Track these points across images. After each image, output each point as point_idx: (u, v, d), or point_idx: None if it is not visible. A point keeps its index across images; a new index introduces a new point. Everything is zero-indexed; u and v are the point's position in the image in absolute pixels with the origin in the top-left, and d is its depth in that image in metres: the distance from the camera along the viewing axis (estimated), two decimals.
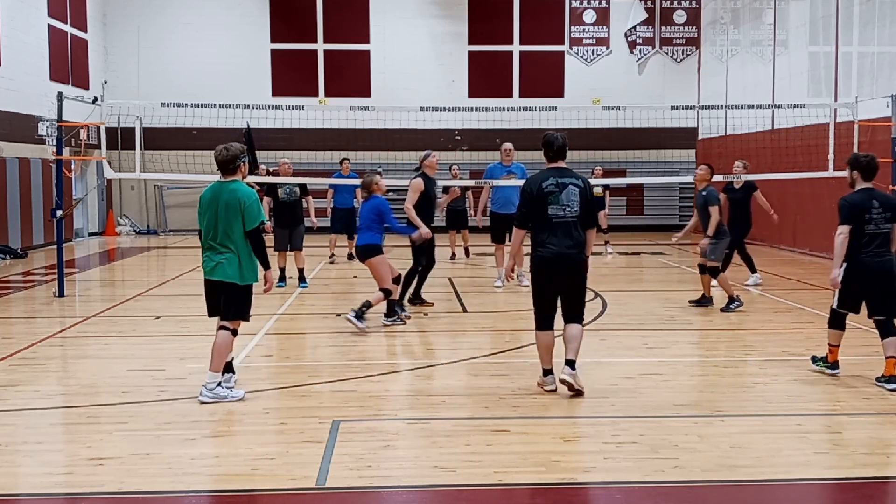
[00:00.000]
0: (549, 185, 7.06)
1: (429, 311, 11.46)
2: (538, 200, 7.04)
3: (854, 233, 7.67)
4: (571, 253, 7.01)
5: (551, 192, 7.03)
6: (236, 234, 6.99)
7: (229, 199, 6.99)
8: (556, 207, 7.02)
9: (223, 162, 7.10)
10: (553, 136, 7.33)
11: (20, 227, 19.82)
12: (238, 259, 6.99)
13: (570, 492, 5.17)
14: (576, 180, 7.12)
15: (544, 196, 7.03)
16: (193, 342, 9.50)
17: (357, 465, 5.51)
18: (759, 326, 10.36)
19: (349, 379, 7.74)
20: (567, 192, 7.04)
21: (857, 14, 17.71)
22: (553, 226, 7.02)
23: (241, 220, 6.98)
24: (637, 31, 26.75)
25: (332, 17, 26.27)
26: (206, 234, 7.11)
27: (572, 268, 7.04)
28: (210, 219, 7.06)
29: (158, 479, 5.29)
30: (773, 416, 6.64)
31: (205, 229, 7.12)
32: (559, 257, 7.00)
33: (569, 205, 7.03)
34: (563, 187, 7.05)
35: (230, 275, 6.99)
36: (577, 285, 7.11)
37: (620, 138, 23.61)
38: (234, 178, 7.14)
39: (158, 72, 25.59)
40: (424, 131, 22.81)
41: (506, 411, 6.76)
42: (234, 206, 6.97)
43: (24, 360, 8.63)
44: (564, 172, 7.18)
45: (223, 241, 7.01)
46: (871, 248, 7.66)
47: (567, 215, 7.02)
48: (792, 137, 18.83)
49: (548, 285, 7.11)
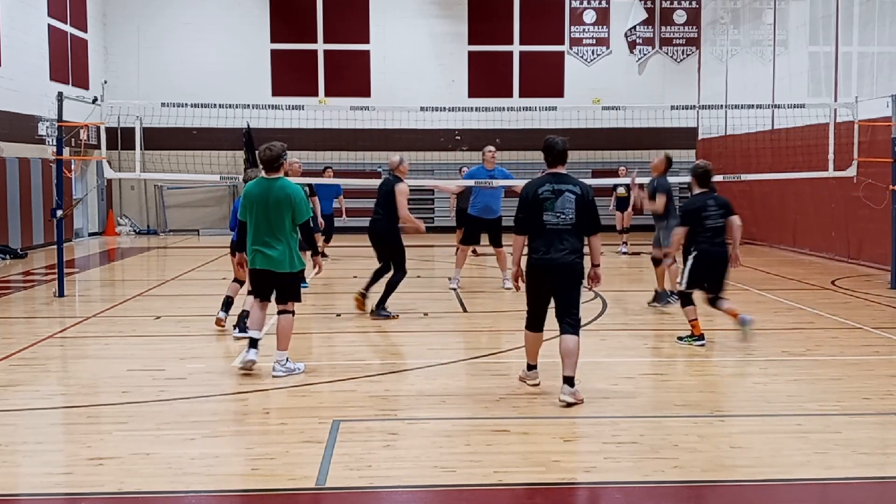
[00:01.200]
0: (545, 192, 7.02)
1: (429, 311, 11.45)
2: (534, 206, 7.00)
3: (698, 228, 9.05)
4: (565, 258, 6.94)
5: (547, 199, 6.99)
6: (286, 226, 7.64)
7: (279, 194, 7.62)
8: (551, 214, 6.97)
9: (268, 160, 7.71)
10: (553, 141, 7.29)
11: (20, 227, 19.82)
12: (289, 249, 7.65)
13: (570, 492, 5.17)
14: (573, 187, 7.06)
15: (540, 202, 6.99)
16: (193, 342, 9.51)
17: (357, 465, 5.51)
18: (759, 326, 10.32)
19: (349, 379, 7.74)
20: (563, 199, 6.98)
21: (857, 14, 17.70)
22: (547, 232, 6.97)
23: (291, 214, 7.63)
24: (637, 31, 26.75)
25: (332, 17, 26.26)
26: (257, 228, 7.67)
27: (565, 273, 6.97)
28: (260, 213, 7.65)
29: (158, 479, 5.29)
30: (773, 416, 6.64)
31: (254, 223, 7.69)
32: (552, 263, 6.95)
33: (563, 212, 6.97)
34: (560, 194, 7.00)
35: (284, 264, 7.66)
36: (570, 289, 7.03)
37: (620, 138, 23.60)
38: (279, 175, 7.75)
39: (158, 72, 25.59)
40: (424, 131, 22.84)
41: (506, 411, 6.76)
42: (285, 202, 7.61)
43: (24, 360, 8.63)
44: (562, 178, 7.12)
45: (276, 233, 7.63)
46: (711, 239, 9.04)
47: (561, 223, 6.97)
48: (792, 137, 18.82)
49: (540, 290, 7.10)
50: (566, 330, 6.98)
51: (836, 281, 14.27)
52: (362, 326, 10.47)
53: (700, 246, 9.02)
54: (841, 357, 8.71)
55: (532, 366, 7.39)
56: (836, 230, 17.58)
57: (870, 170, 14.25)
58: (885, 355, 8.85)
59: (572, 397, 6.87)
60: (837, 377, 7.83)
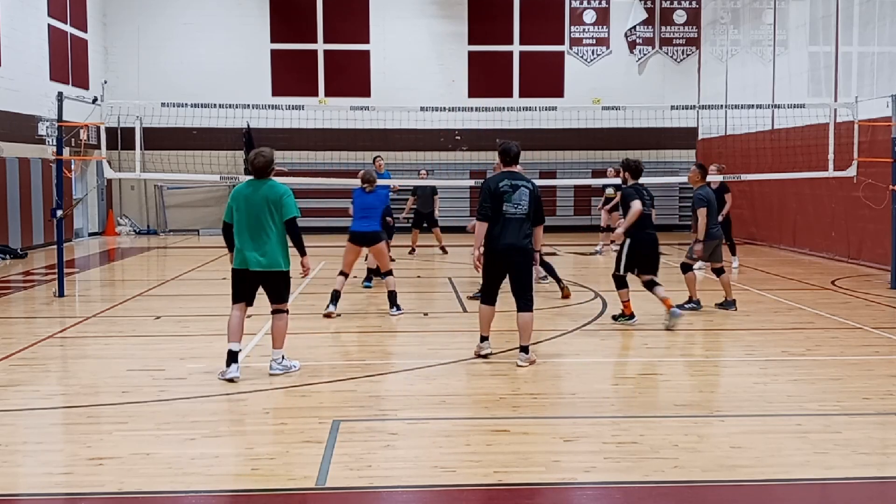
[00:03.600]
0: (504, 186, 8.14)
1: (429, 311, 11.45)
2: (496, 198, 8.11)
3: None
4: (521, 243, 8.11)
5: (506, 192, 8.11)
6: (277, 225, 7.67)
7: (269, 193, 7.69)
8: (509, 205, 8.10)
9: (261, 167, 7.76)
10: (509, 145, 8.39)
11: (20, 227, 19.82)
12: (279, 249, 7.69)
13: (570, 492, 5.17)
14: (526, 182, 8.23)
15: (500, 195, 8.10)
16: (193, 342, 9.51)
17: (357, 465, 5.51)
18: (759, 326, 10.36)
19: (349, 379, 7.74)
20: (519, 193, 8.13)
21: (857, 14, 17.70)
22: (505, 221, 8.09)
23: (280, 213, 7.66)
24: (637, 31, 26.76)
25: (332, 17, 26.27)
26: (246, 229, 7.66)
27: (520, 256, 8.14)
28: (249, 214, 7.66)
29: (158, 479, 5.29)
30: (773, 416, 6.64)
31: (242, 224, 7.68)
32: (510, 248, 8.09)
33: (519, 203, 8.11)
34: (516, 188, 8.15)
35: (276, 263, 7.69)
36: (523, 270, 8.19)
37: (620, 138, 23.61)
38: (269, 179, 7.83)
39: (158, 72, 25.59)
40: (424, 131, 22.86)
41: (506, 411, 6.76)
42: (274, 200, 7.67)
43: (24, 360, 8.63)
44: (516, 175, 8.29)
45: (267, 232, 7.64)
46: (647, 226, 10.14)
47: (518, 212, 8.11)
48: (792, 137, 18.83)
49: (496, 271, 8.25)
50: (522, 308, 8.21)
51: (836, 281, 14.27)
52: (362, 326, 10.47)
53: (632, 232, 10.13)
54: (841, 357, 8.71)
55: (484, 337, 8.51)
56: (836, 230, 17.58)
57: (870, 170, 14.25)
58: (885, 355, 8.84)
59: (527, 362, 8.16)
60: (837, 377, 7.83)
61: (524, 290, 8.21)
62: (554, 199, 26.13)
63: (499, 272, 8.27)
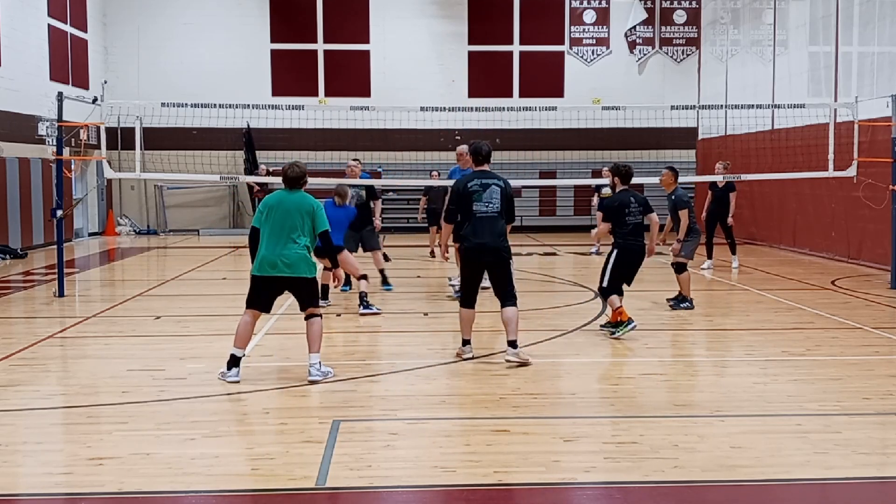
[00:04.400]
0: (474, 185, 8.14)
1: (429, 312, 11.45)
2: (464, 198, 8.12)
3: (619, 224, 9.70)
4: (494, 242, 8.07)
5: (475, 192, 8.11)
6: (305, 234, 7.73)
7: (301, 203, 7.76)
8: (480, 204, 8.09)
9: (294, 178, 7.84)
10: (479, 144, 8.38)
11: (20, 227, 19.82)
12: (305, 255, 7.73)
13: (570, 492, 5.17)
14: (497, 181, 8.21)
15: (469, 194, 8.11)
16: (193, 342, 9.51)
17: (357, 465, 5.51)
18: (759, 326, 10.36)
19: (349, 379, 7.74)
20: (490, 192, 8.12)
21: (857, 14, 17.70)
22: (477, 220, 8.09)
23: (311, 223, 7.75)
24: (637, 31, 26.76)
25: (332, 17, 26.27)
26: (276, 236, 7.66)
27: (495, 255, 8.09)
28: (278, 221, 7.69)
29: (158, 479, 5.28)
30: (773, 416, 6.64)
31: (272, 231, 7.68)
32: (483, 247, 8.06)
33: (490, 202, 8.11)
34: (486, 187, 8.14)
35: (304, 271, 7.70)
36: (501, 269, 8.15)
37: (620, 138, 23.61)
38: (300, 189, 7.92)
39: (158, 72, 25.60)
40: (424, 131, 22.85)
41: (506, 411, 6.76)
42: (306, 210, 7.74)
43: (24, 360, 8.63)
44: (487, 174, 8.27)
45: (295, 239, 7.68)
46: (632, 235, 9.70)
47: (489, 211, 8.11)
48: (792, 137, 18.83)
49: (473, 271, 8.22)
50: (505, 303, 8.14)
51: (836, 281, 14.27)
52: (362, 326, 10.47)
53: (619, 242, 9.71)
54: (841, 357, 8.71)
55: (466, 340, 8.42)
56: (836, 230, 17.58)
57: (870, 170, 14.25)
58: (885, 355, 8.85)
59: (517, 357, 7.99)
60: (837, 377, 7.83)
61: (504, 286, 8.17)
62: (554, 199, 26.15)
63: (473, 272, 8.22)
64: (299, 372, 7.98)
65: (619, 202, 9.74)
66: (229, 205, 26.58)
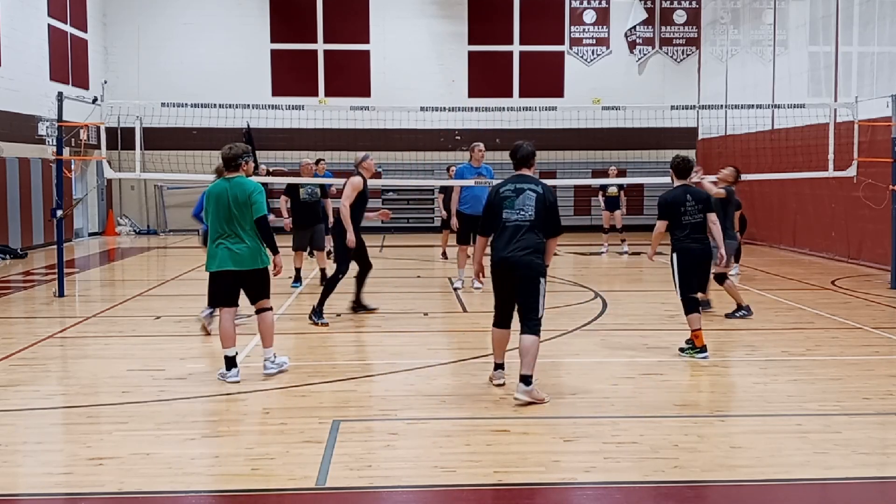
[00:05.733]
0: (506, 191, 7.15)
1: (429, 312, 11.45)
2: (495, 205, 7.15)
3: (675, 224, 8.71)
4: (521, 256, 6.97)
5: (507, 197, 7.10)
6: (248, 224, 7.54)
7: (238, 192, 7.53)
8: (510, 211, 7.07)
9: (228, 159, 7.66)
10: (517, 145, 7.40)
11: (20, 227, 19.82)
12: (254, 246, 7.57)
13: (570, 492, 5.17)
14: (534, 186, 7.13)
15: (500, 201, 7.13)
16: (193, 342, 9.51)
17: (357, 465, 5.51)
18: (759, 326, 10.36)
19: (349, 379, 7.74)
20: (523, 197, 7.07)
21: (857, 14, 17.70)
22: (505, 229, 7.07)
23: (250, 211, 7.51)
24: (637, 31, 26.76)
25: (332, 17, 26.27)
26: (219, 228, 7.56)
27: (521, 271, 6.99)
28: (221, 213, 7.55)
29: (158, 479, 5.29)
30: (773, 416, 6.64)
31: (215, 223, 7.58)
32: (506, 261, 7.03)
33: (523, 209, 7.05)
34: (520, 192, 7.09)
35: (253, 262, 7.58)
36: (526, 288, 7.00)
37: (620, 138, 23.60)
38: (238, 174, 7.67)
39: (158, 72, 25.59)
40: (424, 131, 22.84)
41: (506, 411, 6.76)
42: (243, 199, 7.52)
43: (24, 360, 8.63)
44: (524, 179, 7.22)
45: (238, 232, 7.53)
46: (691, 236, 8.69)
47: (520, 219, 7.03)
48: (792, 137, 18.82)
49: (501, 288, 7.20)
50: (525, 330, 7.01)
51: (836, 281, 14.27)
52: (362, 326, 10.47)
53: (676, 245, 8.74)
54: (841, 357, 8.71)
55: (498, 365, 7.48)
56: (836, 230, 17.58)
57: (870, 170, 14.25)
58: (885, 355, 8.85)
59: (527, 396, 6.87)
60: (837, 377, 7.83)
61: (527, 311, 7.01)
62: None
63: (502, 289, 7.20)
64: (299, 372, 7.98)
65: (672, 199, 8.73)
66: None
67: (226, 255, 7.52)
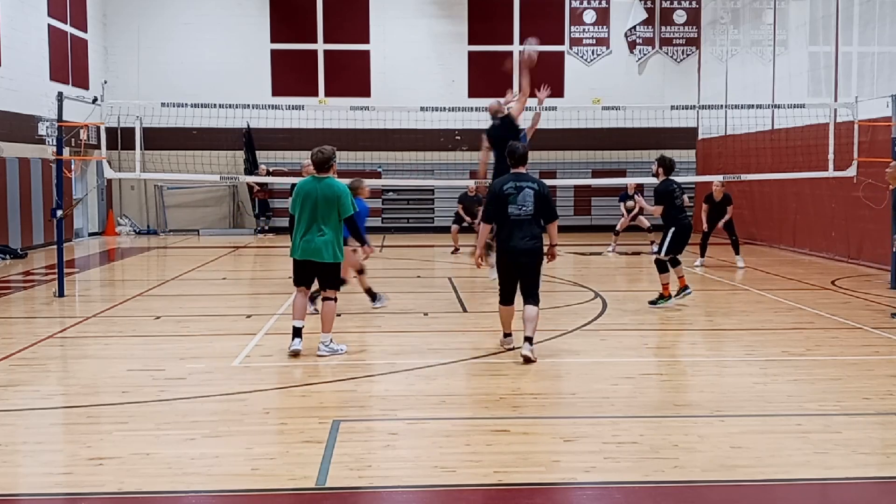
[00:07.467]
0: (509, 188, 8.39)
1: (429, 311, 11.45)
2: (500, 200, 8.38)
3: (671, 206, 11.32)
4: (527, 245, 8.34)
5: (510, 194, 8.36)
6: (332, 221, 8.47)
7: (328, 192, 8.46)
8: (514, 207, 8.35)
9: (320, 162, 8.55)
10: (515, 147, 8.72)
11: (20, 227, 19.82)
12: (333, 241, 8.47)
13: (570, 492, 5.17)
14: (532, 184, 8.42)
15: (505, 196, 8.37)
16: (193, 342, 9.51)
17: (357, 465, 5.51)
18: (759, 326, 10.36)
19: (349, 379, 7.74)
20: (523, 194, 8.35)
21: (857, 14, 17.70)
22: (511, 222, 8.36)
23: (337, 210, 8.45)
24: (637, 31, 26.75)
25: (332, 17, 26.26)
26: (306, 222, 8.47)
27: (528, 257, 8.38)
28: (309, 209, 8.46)
29: (158, 479, 5.28)
30: (773, 416, 6.64)
31: (304, 218, 8.48)
32: (516, 250, 8.35)
33: (524, 204, 8.35)
34: (521, 190, 8.38)
35: (330, 255, 8.48)
36: (531, 271, 8.44)
37: (620, 138, 23.61)
38: (329, 175, 8.59)
39: (158, 72, 25.59)
40: (424, 131, 22.84)
41: (506, 411, 6.76)
42: (332, 199, 8.44)
43: (24, 360, 8.63)
44: (522, 177, 8.52)
45: (322, 226, 8.44)
46: (683, 214, 11.48)
47: (523, 213, 8.36)
48: (792, 137, 18.83)
49: (508, 271, 8.53)
50: (529, 302, 8.44)
51: (836, 281, 14.27)
52: (362, 326, 10.47)
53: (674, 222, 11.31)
54: (841, 357, 8.71)
55: (507, 334, 8.90)
56: (836, 230, 17.58)
57: (870, 170, 14.25)
58: (885, 355, 8.84)
59: (530, 352, 8.23)
60: (837, 377, 7.83)
61: (531, 289, 8.47)
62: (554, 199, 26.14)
63: (509, 274, 8.53)
64: (299, 372, 7.98)
65: (666, 189, 11.32)
66: (229, 205, 26.57)
67: (308, 247, 8.47)
